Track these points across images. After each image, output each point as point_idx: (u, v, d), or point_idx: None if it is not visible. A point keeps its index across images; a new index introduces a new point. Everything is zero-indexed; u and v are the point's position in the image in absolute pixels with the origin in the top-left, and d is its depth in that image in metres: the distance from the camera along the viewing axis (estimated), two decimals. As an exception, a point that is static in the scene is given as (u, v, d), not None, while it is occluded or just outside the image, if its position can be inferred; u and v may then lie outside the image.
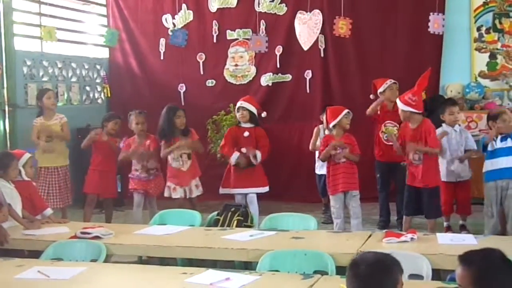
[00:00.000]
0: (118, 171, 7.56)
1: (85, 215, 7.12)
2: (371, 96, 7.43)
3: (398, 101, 6.34)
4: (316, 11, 9.01)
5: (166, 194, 7.07)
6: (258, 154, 6.98)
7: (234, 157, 6.96)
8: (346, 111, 6.53)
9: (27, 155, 5.83)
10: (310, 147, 7.73)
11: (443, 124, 6.67)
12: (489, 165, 6.24)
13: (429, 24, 7.81)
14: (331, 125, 6.59)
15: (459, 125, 6.95)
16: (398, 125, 6.89)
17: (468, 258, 2.66)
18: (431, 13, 8.22)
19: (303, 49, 9.11)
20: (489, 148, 6.23)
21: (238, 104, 7.16)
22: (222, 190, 7.15)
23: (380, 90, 7.21)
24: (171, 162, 7.06)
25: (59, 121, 7.27)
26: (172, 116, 7.01)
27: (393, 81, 7.20)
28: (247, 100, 7.23)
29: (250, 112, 7.10)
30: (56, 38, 8.51)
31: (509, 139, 6.17)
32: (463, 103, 8.44)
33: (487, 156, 6.28)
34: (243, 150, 6.99)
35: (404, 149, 6.32)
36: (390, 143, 6.81)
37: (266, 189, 7.12)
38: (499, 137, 6.17)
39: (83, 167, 7.51)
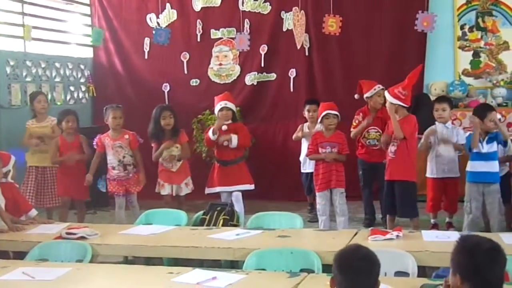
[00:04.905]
0: (101, 172, 7.40)
1: (60, 217, 6.88)
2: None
3: (387, 93, 6.32)
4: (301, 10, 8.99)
5: (156, 190, 7.05)
6: (234, 137, 6.94)
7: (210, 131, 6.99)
8: (325, 112, 6.51)
9: (13, 157, 5.79)
10: (293, 138, 7.80)
11: (436, 123, 6.70)
12: (472, 166, 6.19)
13: (416, 22, 7.73)
14: (318, 121, 6.67)
15: (453, 123, 7.05)
16: (381, 132, 6.87)
17: (458, 240, 2.66)
18: (419, 11, 7.94)
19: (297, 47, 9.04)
20: (475, 150, 6.20)
21: (222, 104, 7.06)
22: (207, 190, 7.13)
23: (367, 95, 7.10)
24: (162, 162, 7.02)
25: (50, 123, 7.29)
26: (158, 117, 6.95)
27: (381, 87, 7.01)
28: (228, 99, 7.19)
29: (233, 111, 7.13)
30: (30, 37, 8.46)
31: (495, 143, 6.12)
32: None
33: (471, 157, 6.24)
34: (221, 139, 6.92)
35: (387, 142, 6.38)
36: (375, 148, 6.95)
37: (251, 186, 7.09)
38: (486, 138, 6.11)
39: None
